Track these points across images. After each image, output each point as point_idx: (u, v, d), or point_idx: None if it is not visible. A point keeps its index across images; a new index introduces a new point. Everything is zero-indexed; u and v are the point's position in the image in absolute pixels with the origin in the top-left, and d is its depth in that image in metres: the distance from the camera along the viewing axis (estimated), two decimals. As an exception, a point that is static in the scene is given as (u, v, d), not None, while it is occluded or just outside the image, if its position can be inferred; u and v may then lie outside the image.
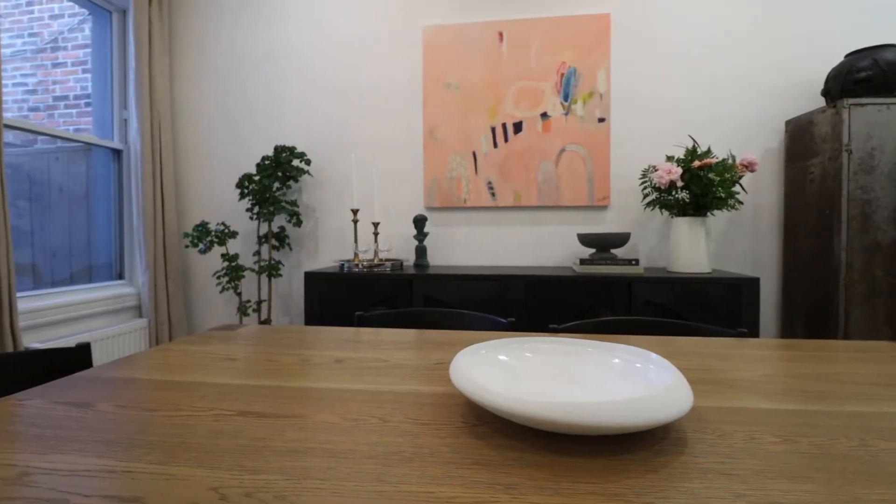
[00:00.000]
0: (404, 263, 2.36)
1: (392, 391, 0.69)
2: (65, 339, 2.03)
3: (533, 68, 2.39)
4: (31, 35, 2.90)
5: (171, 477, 0.44)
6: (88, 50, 3.09)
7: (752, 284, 1.85)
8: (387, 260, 2.22)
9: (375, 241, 2.29)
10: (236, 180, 2.64)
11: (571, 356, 0.72)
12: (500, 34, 2.40)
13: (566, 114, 2.37)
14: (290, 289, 2.61)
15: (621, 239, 2.07)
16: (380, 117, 2.52)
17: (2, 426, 0.56)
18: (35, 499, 0.41)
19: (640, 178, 2.14)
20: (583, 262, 2.05)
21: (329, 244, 2.57)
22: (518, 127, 2.40)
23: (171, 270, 2.54)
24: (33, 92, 2.84)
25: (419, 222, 2.32)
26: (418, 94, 2.49)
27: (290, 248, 2.56)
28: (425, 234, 2.34)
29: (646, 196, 2.13)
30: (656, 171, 1.98)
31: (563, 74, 2.37)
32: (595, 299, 1.93)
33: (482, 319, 1.23)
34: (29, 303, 1.97)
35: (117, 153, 2.59)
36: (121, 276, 2.58)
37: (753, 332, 1.85)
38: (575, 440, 0.52)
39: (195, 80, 2.70)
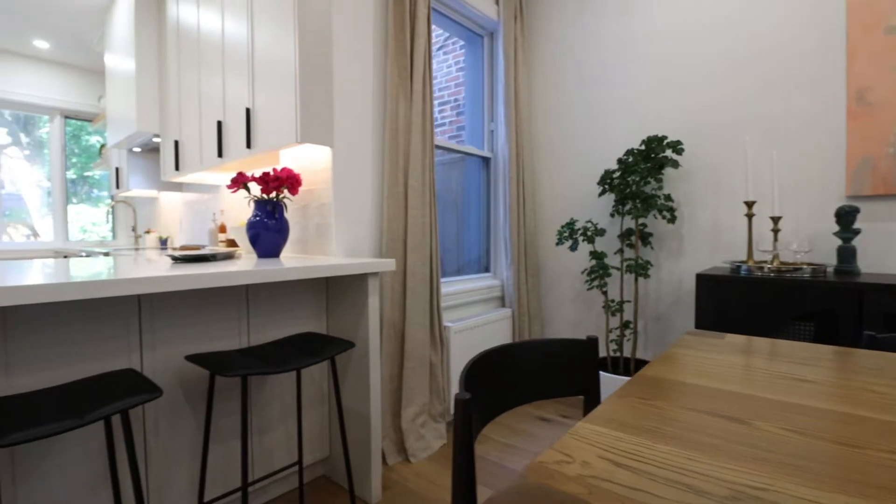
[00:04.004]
0: (827, 269, 1.85)
1: None
2: (459, 321, 2.37)
3: None
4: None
5: None
6: (434, 82, 3.68)
7: None
8: (803, 263, 1.76)
9: (775, 239, 1.86)
10: (589, 177, 2.62)
11: None
12: None
13: None
14: (647, 290, 2.42)
15: None
16: (773, 89, 2.05)
17: (670, 429, 0.51)
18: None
19: None
20: None
21: (695, 242, 2.26)
22: None
23: (529, 266, 2.71)
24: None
25: (846, 215, 1.76)
26: (838, 49, 1.91)
27: (652, 247, 2.37)
28: (855, 232, 1.76)
29: None
30: None
31: None
32: None
33: None
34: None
35: (486, 161, 2.94)
36: (486, 270, 2.93)
37: None
38: None
39: (548, 84, 2.82)
